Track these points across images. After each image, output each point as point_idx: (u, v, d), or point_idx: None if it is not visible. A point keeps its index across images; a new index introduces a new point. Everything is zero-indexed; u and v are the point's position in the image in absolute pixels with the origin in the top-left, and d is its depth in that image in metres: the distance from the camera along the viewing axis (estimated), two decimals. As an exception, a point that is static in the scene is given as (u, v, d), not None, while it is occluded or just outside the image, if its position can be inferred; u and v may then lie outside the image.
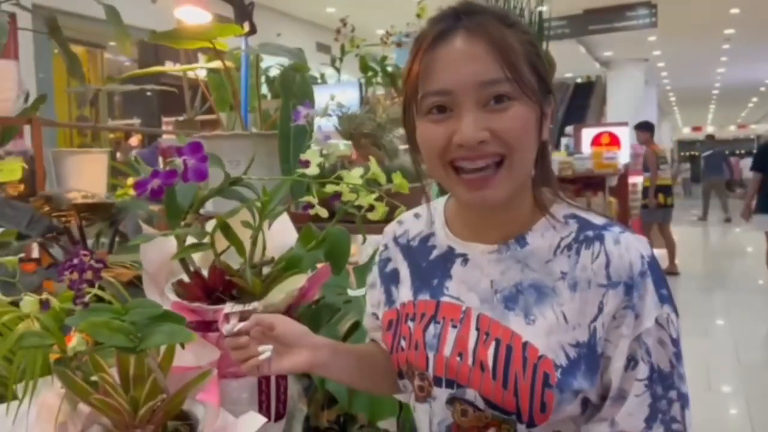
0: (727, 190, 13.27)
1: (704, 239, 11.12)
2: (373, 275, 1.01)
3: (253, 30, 1.74)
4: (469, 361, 0.82)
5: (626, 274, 0.79)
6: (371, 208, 0.98)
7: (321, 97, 1.59)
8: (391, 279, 0.97)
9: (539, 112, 0.80)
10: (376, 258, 1.01)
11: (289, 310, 1.11)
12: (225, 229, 1.00)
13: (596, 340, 0.79)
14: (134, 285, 1.22)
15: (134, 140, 7.23)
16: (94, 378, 0.94)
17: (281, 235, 1.20)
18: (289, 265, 1.09)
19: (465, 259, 0.88)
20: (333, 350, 0.91)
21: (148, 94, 8.12)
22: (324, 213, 0.96)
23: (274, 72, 2.54)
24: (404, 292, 0.93)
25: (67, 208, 1.55)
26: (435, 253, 0.91)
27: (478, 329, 0.83)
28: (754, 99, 24.51)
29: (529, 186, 0.85)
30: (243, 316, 1.04)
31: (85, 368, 0.95)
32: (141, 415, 0.90)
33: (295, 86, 1.47)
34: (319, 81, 2.84)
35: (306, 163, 0.96)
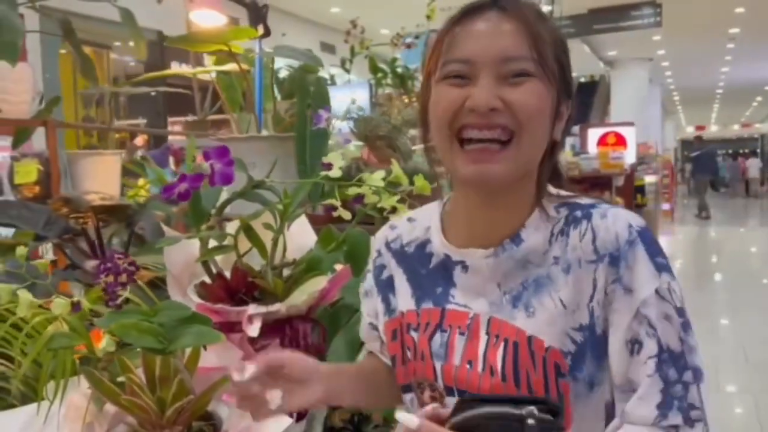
0: (711, 189, 13.69)
1: (706, 238, 11.11)
2: (368, 283, 0.97)
3: (267, 33, 1.76)
4: (479, 367, 0.81)
5: (612, 246, 0.76)
6: (393, 209, 0.99)
7: (332, 98, 1.60)
8: (387, 286, 0.94)
9: (556, 101, 0.79)
10: (370, 265, 0.98)
11: (309, 312, 1.12)
12: (248, 231, 1.01)
13: (595, 320, 0.77)
14: (155, 286, 1.24)
15: (140, 140, 7.25)
16: (120, 379, 0.95)
17: (300, 236, 1.22)
18: (310, 266, 1.10)
19: (464, 266, 0.85)
20: (343, 376, 0.89)
21: (153, 94, 8.14)
22: (347, 215, 0.98)
23: (282, 73, 2.57)
24: (404, 301, 0.90)
25: (85, 210, 1.56)
26: (434, 261, 0.89)
27: (488, 333, 0.81)
28: (759, 98, 24.45)
29: (531, 183, 0.83)
30: (266, 319, 1.05)
31: (112, 369, 0.96)
32: (168, 416, 0.91)
33: (310, 88, 1.48)
34: (329, 82, 2.86)
35: (329, 166, 0.97)
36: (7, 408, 1.04)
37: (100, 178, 1.99)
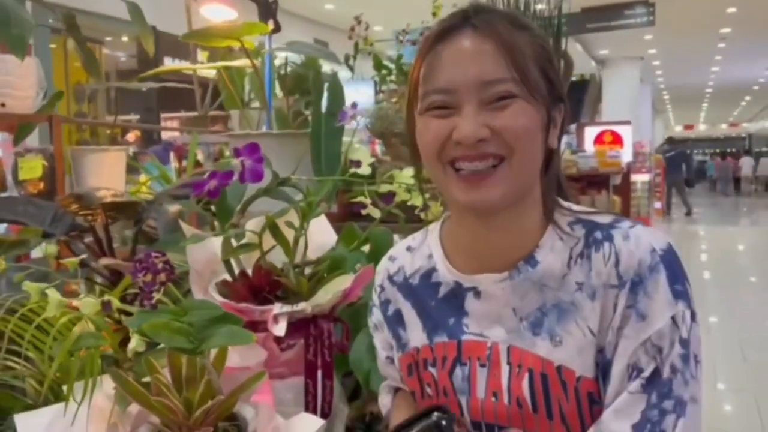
0: (686, 186, 14.29)
1: (692, 236, 11.19)
2: (376, 317, 0.95)
3: (277, 28, 1.74)
4: (505, 399, 0.78)
5: (634, 271, 0.73)
6: (425, 207, 0.98)
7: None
8: (396, 321, 0.92)
9: (546, 116, 0.77)
10: (375, 299, 0.96)
11: (332, 310, 1.11)
12: (274, 228, 1.00)
13: (606, 344, 0.75)
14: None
15: (131, 136, 7.21)
16: (144, 379, 0.94)
17: (320, 235, 1.20)
18: (334, 265, 1.09)
19: (476, 292, 0.82)
20: None
21: (144, 90, 8.09)
22: (376, 213, 0.96)
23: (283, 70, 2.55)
24: (416, 336, 0.88)
25: (95, 207, 1.54)
26: (442, 290, 0.86)
27: (509, 363, 0.79)
28: (747, 98, 24.66)
29: (536, 198, 0.81)
30: (289, 318, 1.04)
31: (137, 369, 0.94)
32: (196, 416, 0.90)
33: (326, 85, 1.47)
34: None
35: (357, 163, 0.96)
36: (24, 409, 1.02)
37: (105, 174, 1.97)
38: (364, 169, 0.95)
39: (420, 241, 0.91)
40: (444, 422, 0.74)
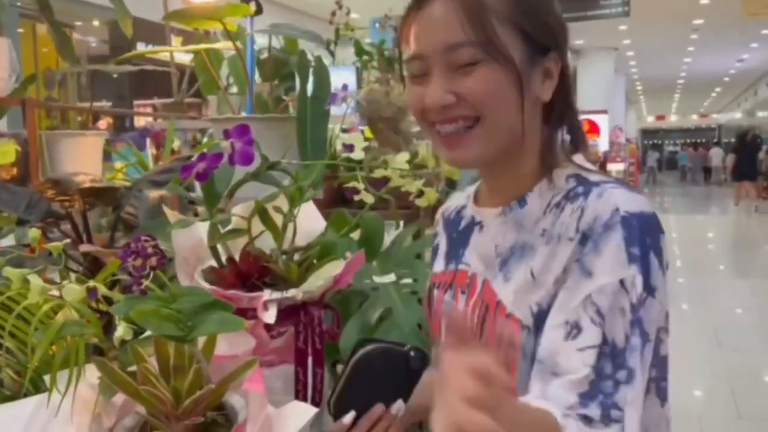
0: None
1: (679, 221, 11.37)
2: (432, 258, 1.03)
3: (259, 10, 1.70)
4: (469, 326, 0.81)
5: (588, 226, 0.72)
6: (420, 193, 0.97)
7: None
8: (435, 251, 1.00)
9: (516, 73, 0.76)
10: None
11: (321, 297, 1.09)
12: (263, 214, 0.97)
13: (551, 299, 0.73)
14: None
15: (103, 123, 7.06)
16: (130, 368, 0.91)
17: (308, 221, 1.18)
18: (324, 251, 1.07)
19: (481, 226, 0.88)
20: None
21: (115, 76, 7.93)
22: (370, 198, 0.94)
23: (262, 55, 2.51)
24: (439, 263, 0.96)
25: (72, 193, 1.50)
26: (463, 223, 0.93)
27: (480, 295, 0.82)
28: (718, 89, 25.03)
29: (533, 148, 0.82)
30: (279, 305, 1.02)
31: (123, 358, 0.92)
32: (185, 406, 0.87)
33: (311, 69, 1.44)
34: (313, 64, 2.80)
35: (350, 148, 0.94)
36: (3, 400, 0.99)
37: (81, 160, 1.91)
38: (357, 154, 0.93)
39: (472, 186, 0.98)
40: (412, 354, 0.84)
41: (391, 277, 1.23)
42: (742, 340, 4.81)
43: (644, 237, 0.71)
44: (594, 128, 5.90)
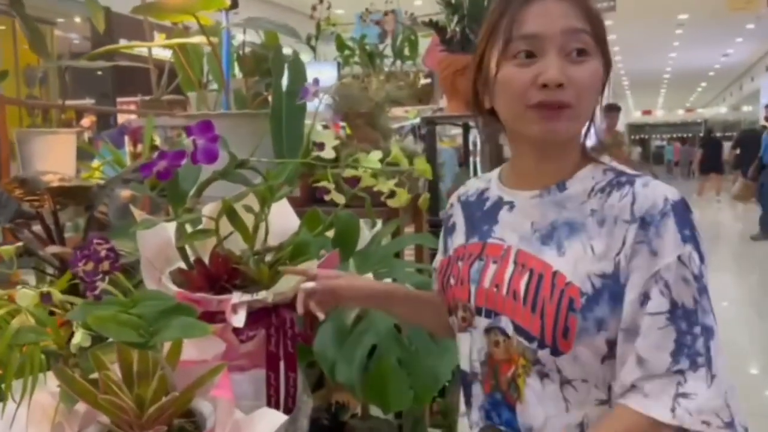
0: None
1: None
2: (441, 237, 1.09)
3: (235, 4, 1.66)
4: (504, 290, 0.90)
5: (646, 211, 0.83)
6: (392, 194, 0.93)
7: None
8: (449, 232, 1.05)
9: (606, 73, 0.89)
10: (443, 216, 1.11)
11: (294, 299, 1.06)
12: (231, 214, 0.94)
13: (620, 271, 0.84)
14: (123, 273, 1.15)
15: (86, 121, 6.96)
16: (93, 375, 0.87)
17: (281, 220, 1.15)
18: (296, 251, 1.03)
19: (511, 206, 0.95)
20: (385, 299, 1.03)
21: (99, 73, 7.83)
22: (341, 198, 0.91)
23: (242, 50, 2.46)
24: (458, 239, 1.02)
25: (42, 192, 1.45)
26: (488, 203, 0.99)
27: (515, 263, 0.91)
28: (703, 84, 25.14)
29: (576, 143, 0.93)
30: (249, 307, 0.98)
31: (84, 365, 0.88)
32: (149, 414, 0.84)
33: (286, 65, 1.40)
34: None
35: (321, 146, 0.90)
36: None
37: (53, 158, 1.87)
38: (328, 152, 0.89)
39: (489, 174, 1.07)
40: None
41: (368, 277, 1.20)
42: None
43: (689, 220, 0.84)
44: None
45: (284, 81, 1.40)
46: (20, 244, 0.84)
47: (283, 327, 1.00)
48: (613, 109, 7.54)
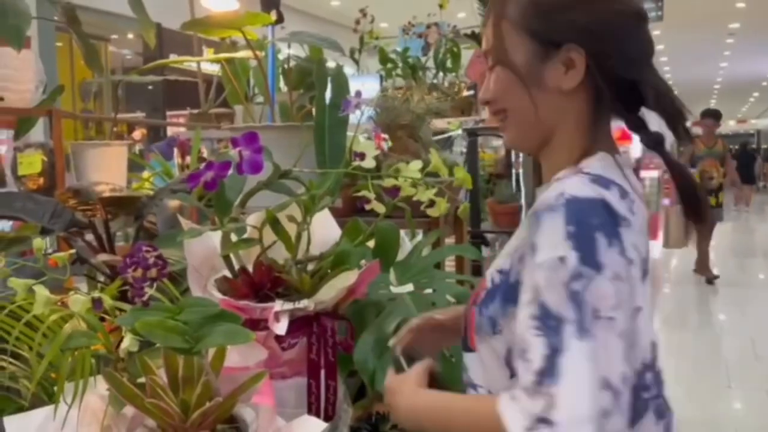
0: None
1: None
2: None
3: (280, 19, 1.70)
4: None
5: (539, 206, 0.77)
6: (431, 203, 0.94)
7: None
8: None
9: (518, 71, 0.84)
10: None
11: (335, 308, 1.07)
12: (275, 223, 0.96)
13: (511, 268, 0.81)
14: (171, 281, 1.18)
15: (137, 134, 7.17)
16: (140, 380, 0.90)
17: (323, 230, 1.16)
18: (337, 261, 1.05)
19: None
20: None
21: (150, 87, 8.07)
22: (381, 208, 0.92)
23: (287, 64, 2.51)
24: None
25: (94, 202, 1.50)
26: None
27: None
28: (756, 94, 24.46)
29: (564, 139, 0.86)
30: (291, 316, 1.00)
31: (132, 369, 0.91)
32: (193, 419, 0.86)
33: (330, 77, 1.42)
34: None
35: (361, 156, 0.91)
36: (18, 410, 0.99)
37: (106, 169, 1.93)
38: (368, 162, 0.91)
39: None
40: None
41: (409, 287, 1.21)
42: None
43: (587, 217, 0.73)
44: (625, 135, 5.76)
45: (328, 93, 1.43)
46: (73, 251, 0.87)
47: (324, 336, 1.01)
48: (706, 116, 6.97)
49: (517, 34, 0.85)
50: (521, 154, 2.98)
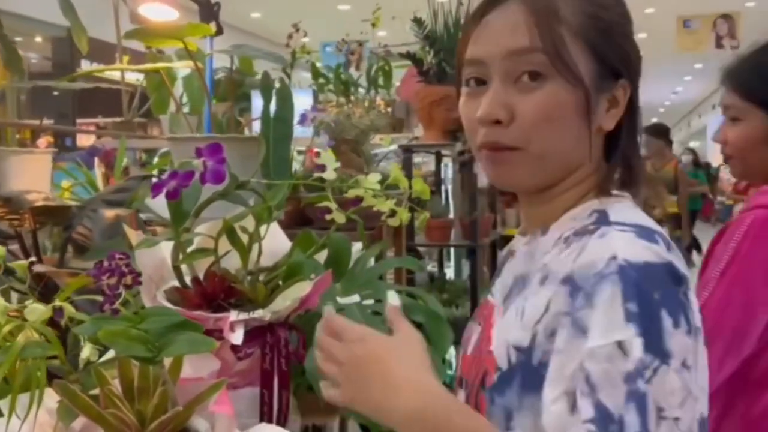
0: None
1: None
2: None
3: (220, 31, 1.70)
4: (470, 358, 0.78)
5: (580, 272, 0.62)
6: (393, 213, 0.97)
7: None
8: None
9: (585, 95, 0.68)
10: None
11: (287, 318, 1.08)
12: (231, 233, 0.97)
13: (534, 346, 0.64)
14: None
15: (43, 142, 6.85)
16: (92, 392, 0.88)
17: (272, 241, 1.17)
18: (290, 271, 1.06)
19: (513, 254, 0.80)
20: None
21: (56, 93, 7.73)
22: (341, 218, 0.95)
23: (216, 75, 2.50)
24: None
25: (24, 211, 1.45)
26: (506, 250, 0.87)
27: (486, 330, 0.77)
28: (654, 119, 25.98)
29: (579, 179, 0.73)
30: (247, 325, 1.01)
31: (85, 381, 0.89)
32: (151, 429, 0.85)
33: (273, 90, 1.44)
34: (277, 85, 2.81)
35: (322, 167, 0.94)
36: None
37: (28, 177, 1.85)
38: (329, 174, 0.93)
39: None
40: None
41: (355, 298, 1.23)
42: None
43: (649, 291, 0.60)
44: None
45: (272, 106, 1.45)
46: (33, 259, 0.85)
47: (278, 345, 1.02)
48: (652, 132, 5.66)
49: (580, 47, 0.69)
50: (450, 169, 3.07)
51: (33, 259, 0.92)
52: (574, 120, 0.69)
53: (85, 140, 6.27)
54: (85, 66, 7.08)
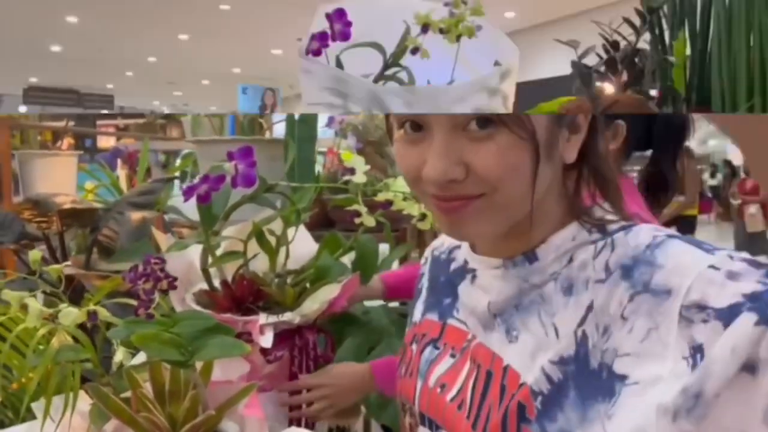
0: None
1: None
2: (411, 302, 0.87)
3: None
4: (450, 394, 0.66)
5: (627, 256, 0.56)
6: (423, 217, 0.97)
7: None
8: (417, 294, 0.83)
9: (535, 140, 0.58)
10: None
11: (314, 321, 1.08)
12: (260, 237, 0.97)
13: (588, 349, 0.56)
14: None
15: (65, 144, 6.94)
16: (124, 395, 0.89)
17: (300, 243, 1.17)
18: (318, 274, 1.06)
19: (474, 276, 0.69)
20: None
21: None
22: (371, 221, 0.94)
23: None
24: (418, 310, 0.79)
25: (52, 214, 1.46)
26: (453, 266, 0.75)
27: (472, 359, 0.66)
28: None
29: (547, 210, 0.63)
30: (275, 328, 1.01)
31: (117, 384, 0.89)
32: (182, 433, 0.85)
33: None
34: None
35: (351, 171, 0.94)
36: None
37: (54, 180, 1.87)
38: (359, 177, 0.93)
39: None
40: None
41: (379, 300, 1.24)
42: None
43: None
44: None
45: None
46: (68, 263, 0.86)
47: (306, 348, 1.02)
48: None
49: None
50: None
51: (68, 263, 0.92)
52: (531, 164, 0.59)
53: (104, 141, 6.34)
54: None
